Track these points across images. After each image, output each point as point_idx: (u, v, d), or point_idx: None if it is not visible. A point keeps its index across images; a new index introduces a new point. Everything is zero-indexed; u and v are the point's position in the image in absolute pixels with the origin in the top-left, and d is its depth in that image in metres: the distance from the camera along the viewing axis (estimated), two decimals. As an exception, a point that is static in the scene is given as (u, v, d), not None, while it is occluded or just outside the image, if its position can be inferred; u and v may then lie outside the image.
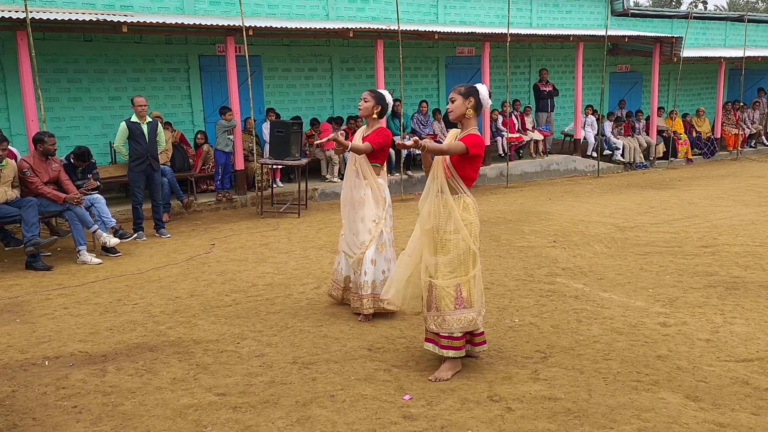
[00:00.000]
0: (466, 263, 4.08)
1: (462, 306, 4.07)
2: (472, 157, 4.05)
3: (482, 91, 4.15)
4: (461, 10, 14.53)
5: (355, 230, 5.24)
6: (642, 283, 6.05)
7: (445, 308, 4.06)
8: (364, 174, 5.22)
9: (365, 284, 5.17)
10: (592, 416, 3.55)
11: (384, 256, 5.25)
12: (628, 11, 16.74)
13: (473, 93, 4.11)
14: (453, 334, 4.09)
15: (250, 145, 10.89)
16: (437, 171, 4.13)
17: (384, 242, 5.25)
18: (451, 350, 4.12)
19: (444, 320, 4.07)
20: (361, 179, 5.23)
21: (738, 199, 10.44)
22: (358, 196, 5.23)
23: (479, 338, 4.27)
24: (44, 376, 4.21)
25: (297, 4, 12.46)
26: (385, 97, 5.24)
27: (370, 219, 5.20)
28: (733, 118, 17.04)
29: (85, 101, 10.73)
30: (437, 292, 4.07)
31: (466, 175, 4.09)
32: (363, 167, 5.23)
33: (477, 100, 4.12)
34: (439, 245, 4.08)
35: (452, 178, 4.08)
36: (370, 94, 5.21)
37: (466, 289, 4.08)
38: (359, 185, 5.24)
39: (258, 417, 3.61)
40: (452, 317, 4.05)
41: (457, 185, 4.09)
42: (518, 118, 13.87)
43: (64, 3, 10.29)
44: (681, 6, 42.83)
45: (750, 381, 3.95)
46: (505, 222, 8.92)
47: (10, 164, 7.23)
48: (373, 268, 5.18)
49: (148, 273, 6.75)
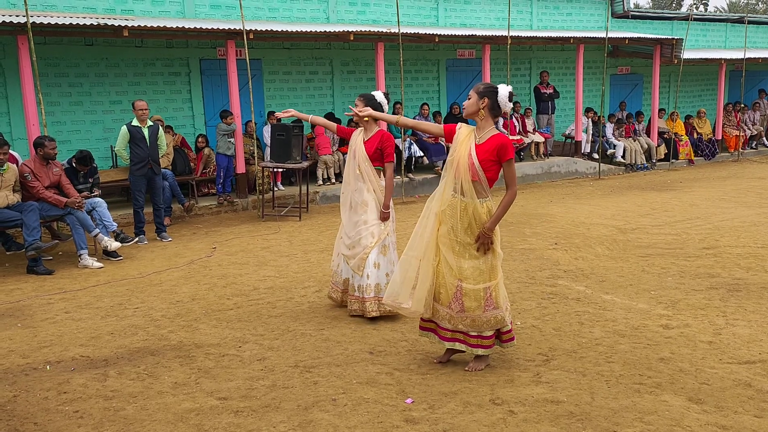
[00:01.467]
0: (495, 267, 4.11)
1: (492, 307, 4.10)
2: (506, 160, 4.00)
3: (502, 92, 4.04)
4: (462, 12, 14.53)
5: (356, 233, 5.22)
6: (644, 285, 6.04)
7: (474, 310, 4.08)
8: (368, 177, 5.20)
9: (368, 287, 5.16)
10: (594, 419, 3.54)
11: (388, 258, 5.24)
12: (629, 13, 16.75)
13: (489, 94, 4.03)
14: (483, 333, 4.13)
15: (251, 149, 10.89)
16: (460, 172, 4.04)
17: (387, 245, 5.24)
18: (480, 348, 4.18)
19: (473, 321, 4.10)
20: (364, 182, 5.21)
21: (739, 201, 10.42)
22: (360, 199, 5.21)
23: (507, 335, 4.27)
24: (45, 380, 4.21)
25: (297, 8, 12.48)
26: (374, 97, 5.19)
27: (373, 223, 5.18)
28: (734, 120, 17.03)
29: (86, 105, 10.73)
30: (466, 295, 4.07)
31: (492, 176, 4.04)
32: (366, 170, 5.20)
33: (493, 102, 4.03)
34: (467, 249, 4.06)
35: (479, 181, 4.00)
36: (359, 98, 5.18)
37: (495, 291, 4.11)
38: (361, 188, 5.22)
39: (260, 421, 3.61)
40: (482, 318, 4.09)
41: (483, 188, 4.03)
42: (519, 120, 13.87)
43: (65, 7, 10.30)
44: (681, 8, 42.85)
45: (753, 383, 3.94)
46: (507, 224, 8.91)
47: (12, 168, 7.23)
48: (376, 272, 5.17)
49: (150, 277, 6.75)
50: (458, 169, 4.04)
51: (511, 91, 4.09)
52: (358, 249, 5.20)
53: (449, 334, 4.22)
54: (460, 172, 4.02)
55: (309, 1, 12.58)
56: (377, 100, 5.20)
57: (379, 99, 5.22)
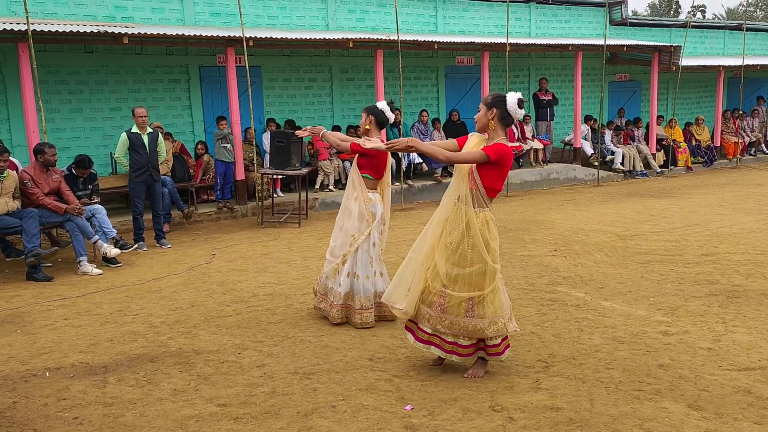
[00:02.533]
0: (483, 279, 4.06)
1: (473, 316, 4.08)
2: (496, 166, 3.97)
3: (510, 100, 4.03)
4: (460, 20, 14.59)
5: (337, 239, 5.30)
6: (643, 291, 6.04)
7: (455, 314, 4.08)
8: (358, 185, 5.21)
9: (337, 295, 5.21)
10: (594, 426, 3.53)
11: (371, 270, 5.20)
12: (627, 20, 16.81)
13: (498, 104, 4.02)
14: (459, 341, 4.12)
15: (250, 155, 10.91)
16: (461, 180, 4.07)
17: (370, 257, 5.19)
18: (454, 355, 4.16)
19: (452, 324, 4.09)
20: (354, 189, 5.23)
21: (738, 208, 10.44)
22: (349, 205, 5.26)
23: (492, 349, 4.18)
24: (45, 387, 4.21)
25: (297, 15, 12.52)
26: (375, 106, 5.25)
27: (350, 233, 5.20)
28: (732, 127, 17.07)
29: (86, 112, 10.76)
30: (449, 300, 4.08)
31: (491, 185, 4.02)
32: (354, 177, 5.26)
33: (502, 111, 4.02)
34: (457, 256, 4.05)
35: (477, 189, 4.01)
36: (363, 111, 5.28)
37: (480, 301, 4.07)
38: (350, 196, 5.27)
39: (259, 428, 3.60)
40: (460, 323, 4.08)
41: (482, 197, 4.02)
42: (518, 127, 13.90)
43: (65, 15, 10.34)
44: (679, 15, 43.02)
45: (752, 390, 3.94)
46: (506, 231, 8.92)
47: (11, 175, 7.25)
48: (348, 281, 5.20)
49: (149, 283, 6.75)
50: (459, 177, 4.07)
51: (521, 98, 4.06)
52: (336, 255, 5.25)
53: (426, 336, 4.22)
54: (461, 181, 4.05)
55: (308, 9, 12.63)
56: (378, 108, 5.25)
57: (381, 107, 5.25)
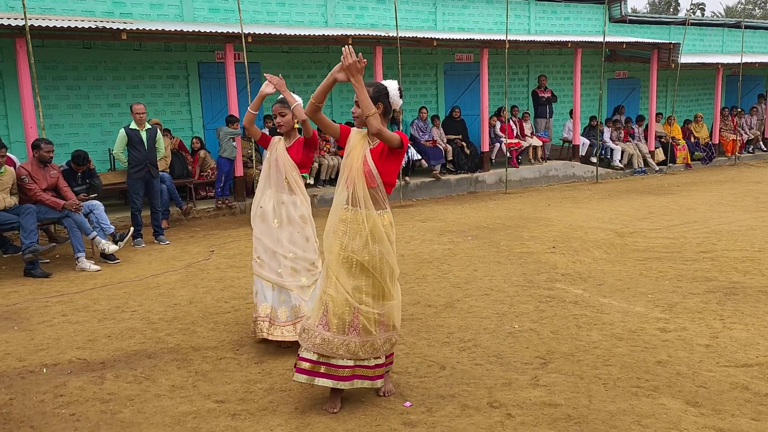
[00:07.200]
0: (393, 286, 3.69)
1: (386, 328, 3.71)
2: (399, 155, 3.61)
3: (392, 93, 3.67)
4: (460, 16, 14.57)
5: (296, 252, 4.63)
6: (641, 288, 6.05)
7: (373, 334, 3.64)
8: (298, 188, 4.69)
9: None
10: (592, 422, 3.54)
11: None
12: (626, 17, 16.80)
13: (382, 98, 3.66)
14: (379, 360, 3.73)
15: (249, 152, 10.90)
16: (353, 178, 3.57)
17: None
18: (379, 380, 3.77)
19: (372, 346, 3.65)
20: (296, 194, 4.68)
21: (736, 205, 10.44)
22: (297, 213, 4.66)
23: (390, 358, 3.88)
24: (42, 383, 4.20)
25: (296, 11, 12.50)
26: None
27: (314, 246, 4.67)
28: (730, 124, 17.08)
29: (84, 108, 10.73)
30: (365, 319, 3.61)
31: (390, 180, 3.63)
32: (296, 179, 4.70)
33: (386, 105, 3.68)
34: (360, 268, 3.59)
35: (377, 187, 3.57)
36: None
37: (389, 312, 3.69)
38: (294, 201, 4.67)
39: (257, 424, 3.60)
40: (379, 340, 3.66)
41: (381, 196, 3.60)
42: (517, 124, 13.90)
43: (63, 10, 10.31)
44: (679, 12, 43.01)
45: (750, 386, 3.94)
46: (504, 228, 8.92)
47: (9, 171, 7.23)
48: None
49: (147, 280, 6.74)
50: (351, 176, 3.59)
51: (400, 87, 3.73)
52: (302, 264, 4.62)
53: (348, 371, 3.63)
54: (354, 180, 3.57)
55: (307, 5, 12.61)
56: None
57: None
